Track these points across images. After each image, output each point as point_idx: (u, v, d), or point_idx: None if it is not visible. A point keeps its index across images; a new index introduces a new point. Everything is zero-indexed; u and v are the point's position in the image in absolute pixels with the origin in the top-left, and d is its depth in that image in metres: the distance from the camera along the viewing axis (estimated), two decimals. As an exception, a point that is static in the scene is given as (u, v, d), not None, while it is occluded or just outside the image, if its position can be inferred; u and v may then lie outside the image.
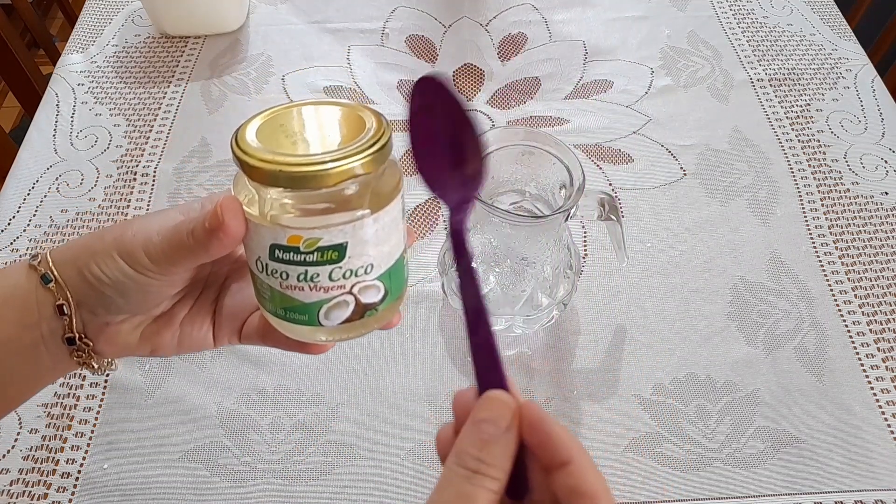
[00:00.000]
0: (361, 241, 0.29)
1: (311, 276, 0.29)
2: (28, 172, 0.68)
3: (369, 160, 0.28)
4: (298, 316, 0.30)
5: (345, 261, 0.29)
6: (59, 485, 0.50)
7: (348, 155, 0.27)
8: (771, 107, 0.74)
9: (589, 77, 0.77)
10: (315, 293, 0.30)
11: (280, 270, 0.29)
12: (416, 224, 0.65)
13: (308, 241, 0.28)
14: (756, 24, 0.83)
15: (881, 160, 0.70)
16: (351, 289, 0.30)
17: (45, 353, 0.32)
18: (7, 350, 0.32)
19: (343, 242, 0.28)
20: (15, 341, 0.32)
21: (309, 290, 0.30)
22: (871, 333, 0.58)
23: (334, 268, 0.29)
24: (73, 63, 0.79)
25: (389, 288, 0.31)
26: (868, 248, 0.63)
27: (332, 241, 0.28)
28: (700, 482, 0.50)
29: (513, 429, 0.25)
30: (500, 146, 0.47)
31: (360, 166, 0.27)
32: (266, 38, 0.81)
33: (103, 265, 0.31)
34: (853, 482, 0.50)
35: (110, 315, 0.32)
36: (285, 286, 0.30)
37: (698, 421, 0.53)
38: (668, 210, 0.66)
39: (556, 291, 0.52)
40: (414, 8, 0.84)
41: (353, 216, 0.28)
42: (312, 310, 0.30)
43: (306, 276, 0.29)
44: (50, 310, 0.31)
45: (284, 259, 0.29)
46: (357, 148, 0.28)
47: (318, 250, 0.28)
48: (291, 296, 0.30)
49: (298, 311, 0.30)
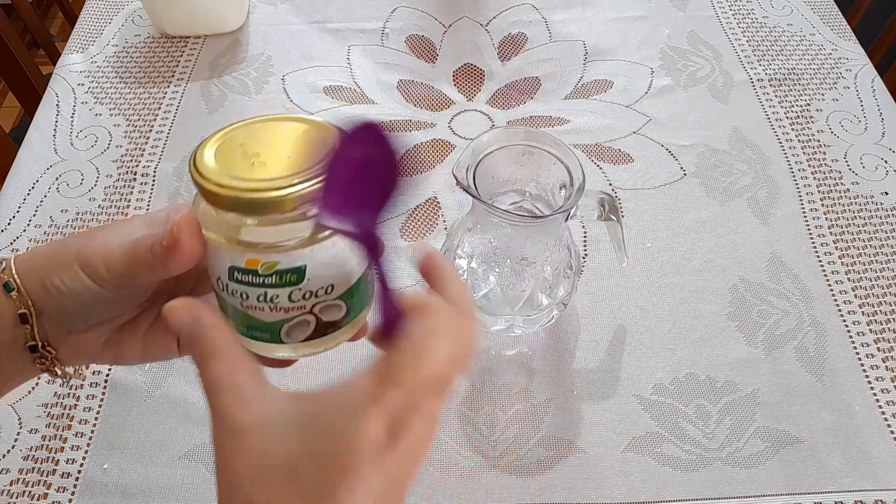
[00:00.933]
0: (321, 263, 0.28)
1: (270, 298, 0.29)
2: (28, 172, 0.68)
3: None
4: (260, 333, 0.30)
5: (304, 283, 0.29)
6: (59, 485, 0.50)
7: (306, 178, 0.26)
8: (771, 107, 0.74)
9: (589, 77, 0.77)
10: (275, 313, 0.29)
11: (240, 291, 0.29)
12: (416, 224, 0.65)
13: (266, 265, 0.28)
14: (756, 24, 0.83)
15: (881, 160, 0.70)
16: (311, 308, 0.29)
17: (8, 360, 0.32)
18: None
19: (302, 266, 0.28)
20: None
21: (269, 310, 0.29)
22: (871, 333, 0.58)
23: (293, 289, 0.29)
24: (73, 63, 0.79)
25: (351, 306, 0.31)
26: (868, 248, 0.63)
27: (291, 264, 0.28)
28: (700, 482, 0.50)
29: None
30: (500, 146, 0.47)
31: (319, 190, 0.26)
32: (266, 38, 0.81)
33: (65, 276, 0.31)
34: (853, 482, 0.50)
35: (73, 324, 0.32)
36: (245, 306, 0.29)
37: (698, 421, 0.53)
38: (668, 210, 0.66)
39: (556, 291, 0.52)
40: (414, 8, 0.84)
41: (312, 239, 0.28)
42: (274, 328, 0.30)
43: (265, 298, 0.29)
44: (12, 317, 0.31)
45: (243, 281, 0.28)
46: (316, 170, 0.26)
47: (276, 273, 0.28)
48: (252, 315, 0.30)
49: (260, 329, 0.30)
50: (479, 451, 0.52)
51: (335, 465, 0.25)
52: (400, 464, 0.26)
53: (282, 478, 0.25)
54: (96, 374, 0.55)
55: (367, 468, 0.25)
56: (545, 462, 0.51)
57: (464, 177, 0.45)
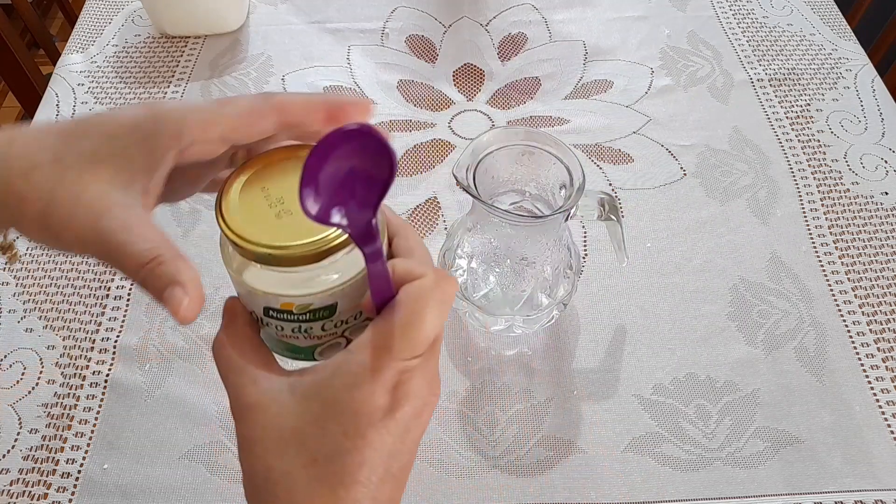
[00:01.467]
0: (352, 297, 0.29)
1: (304, 329, 0.30)
2: (28, 172, 0.68)
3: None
4: (295, 354, 0.32)
5: (336, 315, 0.30)
6: (59, 485, 0.50)
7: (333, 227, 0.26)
8: (771, 107, 0.74)
9: (589, 77, 0.77)
10: (310, 340, 0.31)
11: (275, 324, 0.30)
12: (416, 224, 0.65)
13: (300, 307, 0.29)
14: (756, 24, 0.83)
15: (881, 160, 0.70)
16: (343, 333, 0.31)
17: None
18: None
19: (334, 303, 0.29)
20: None
21: (304, 338, 0.31)
22: (871, 333, 0.58)
23: (326, 322, 0.30)
24: (73, 63, 0.79)
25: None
26: (868, 248, 0.63)
27: (324, 303, 0.29)
28: (700, 482, 0.50)
29: None
30: (500, 146, 0.47)
31: (346, 239, 0.27)
32: (266, 38, 0.81)
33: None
34: (853, 482, 0.50)
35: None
36: (281, 335, 0.31)
37: (698, 421, 0.53)
38: (668, 210, 0.66)
39: (556, 291, 0.52)
40: (414, 8, 0.84)
41: (343, 279, 0.29)
42: (308, 351, 0.32)
43: (300, 330, 0.30)
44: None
45: (279, 318, 0.30)
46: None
47: (310, 311, 0.29)
48: (287, 342, 0.31)
49: (295, 350, 0.32)
50: (479, 451, 0.52)
51: (341, 433, 0.27)
52: (405, 426, 0.28)
53: (293, 445, 0.27)
54: (96, 374, 0.55)
55: (372, 433, 0.27)
56: (545, 462, 0.51)
57: (464, 177, 0.45)
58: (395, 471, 0.28)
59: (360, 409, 0.27)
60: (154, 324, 0.58)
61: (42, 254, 0.62)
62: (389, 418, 0.27)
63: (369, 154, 0.25)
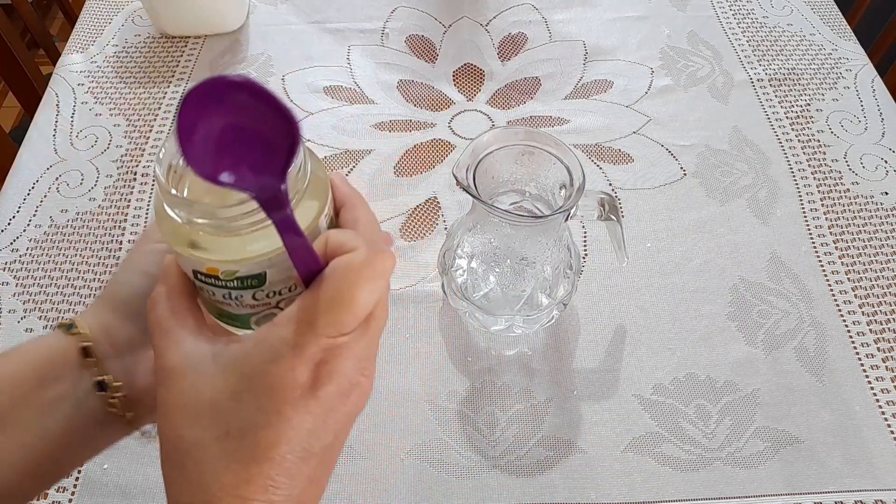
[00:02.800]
0: (282, 267, 0.28)
1: (234, 297, 0.29)
2: (28, 172, 0.68)
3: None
4: (231, 321, 0.31)
5: (266, 285, 0.29)
6: (59, 485, 0.50)
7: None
8: (771, 107, 0.74)
9: (589, 77, 0.77)
10: (242, 308, 0.30)
11: (206, 288, 0.30)
12: (416, 224, 0.65)
13: (225, 273, 0.28)
14: (756, 24, 0.83)
15: (881, 160, 0.70)
16: (278, 304, 0.30)
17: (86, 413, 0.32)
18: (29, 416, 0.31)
19: (262, 272, 0.28)
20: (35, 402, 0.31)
21: (236, 305, 0.30)
22: (871, 333, 0.58)
23: (256, 291, 0.29)
24: (73, 63, 0.79)
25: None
26: (868, 248, 0.63)
27: (251, 272, 0.28)
28: (700, 482, 0.50)
29: None
30: (500, 146, 0.47)
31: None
32: (266, 38, 0.81)
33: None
34: (853, 482, 0.50)
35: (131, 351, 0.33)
36: (213, 300, 0.30)
37: (698, 421, 0.53)
38: (668, 210, 0.66)
39: (556, 291, 0.52)
40: (414, 8, 0.84)
41: (268, 248, 0.28)
42: (243, 319, 0.31)
43: (230, 297, 0.30)
44: (75, 354, 0.32)
45: (207, 282, 0.29)
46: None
47: (237, 279, 0.28)
48: (221, 307, 0.31)
49: (230, 317, 0.31)
50: (479, 451, 0.52)
51: (256, 408, 0.26)
52: (328, 405, 0.27)
53: (207, 416, 0.26)
54: (96, 374, 0.55)
55: (290, 410, 0.26)
56: (545, 462, 0.51)
57: (464, 177, 0.45)
58: (316, 450, 0.27)
59: (277, 385, 0.26)
60: (154, 324, 0.58)
61: (42, 254, 0.62)
62: (310, 396, 0.26)
63: (267, 116, 0.24)
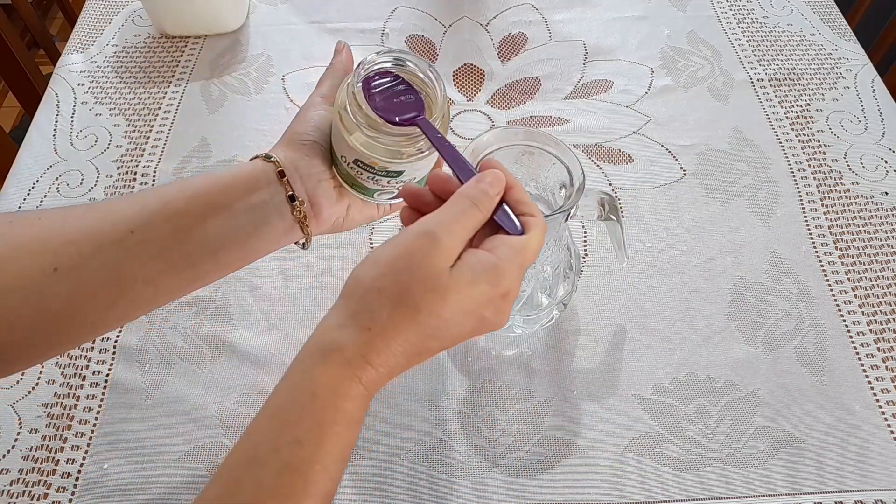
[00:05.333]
0: (413, 168, 0.42)
1: (376, 179, 0.42)
2: (28, 172, 0.68)
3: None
4: (359, 191, 0.44)
5: (400, 177, 0.42)
6: (59, 485, 0.50)
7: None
8: (771, 107, 0.74)
9: (589, 77, 0.77)
10: (376, 185, 0.43)
11: (357, 170, 0.42)
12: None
13: (381, 166, 0.41)
14: (756, 24, 0.83)
15: (881, 160, 0.70)
16: (398, 186, 0.43)
17: (278, 216, 0.41)
18: (242, 209, 0.40)
19: (402, 169, 0.42)
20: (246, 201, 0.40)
21: (373, 183, 0.43)
22: (871, 333, 0.58)
23: (392, 179, 0.42)
24: (73, 63, 0.79)
25: (422, 182, 0.45)
26: (868, 248, 0.63)
27: (396, 168, 0.41)
28: (700, 482, 0.50)
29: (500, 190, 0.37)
30: (500, 146, 0.47)
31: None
32: (266, 38, 0.81)
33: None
34: (853, 482, 0.50)
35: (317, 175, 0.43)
36: (356, 176, 0.42)
37: (698, 421, 0.53)
38: (668, 210, 0.66)
39: (556, 291, 0.52)
40: (414, 8, 0.84)
41: (414, 155, 0.41)
42: (370, 192, 0.44)
43: (373, 179, 0.42)
44: (274, 176, 0.41)
45: (363, 168, 0.41)
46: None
47: (385, 171, 0.41)
48: (359, 181, 0.43)
49: (360, 188, 0.43)
50: (479, 451, 0.52)
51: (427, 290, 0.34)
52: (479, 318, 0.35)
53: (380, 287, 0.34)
54: (96, 374, 0.55)
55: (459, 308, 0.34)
56: (545, 462, 0.51)
57: (464, 177, 0.45)
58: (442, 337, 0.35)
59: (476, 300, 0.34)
60: (154, 324, 0.58)
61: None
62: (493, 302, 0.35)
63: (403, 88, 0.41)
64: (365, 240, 0.63)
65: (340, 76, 0.46)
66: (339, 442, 0.33)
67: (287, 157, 0.42)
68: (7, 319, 0.35)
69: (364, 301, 0.34)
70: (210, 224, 0.39)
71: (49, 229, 0.37)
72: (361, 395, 0.34)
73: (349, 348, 0.33)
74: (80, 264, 0.36)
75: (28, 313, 0.35)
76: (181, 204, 0.39)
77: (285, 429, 0.33)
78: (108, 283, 0.37)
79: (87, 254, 0.36)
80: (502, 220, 0.37)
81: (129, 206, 0.38)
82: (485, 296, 0.35)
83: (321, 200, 0.43)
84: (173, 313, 0.59)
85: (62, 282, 0.36)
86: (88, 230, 0.37)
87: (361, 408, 0.34)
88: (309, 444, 0.32)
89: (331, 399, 0.33)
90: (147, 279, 0.38)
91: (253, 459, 0.32)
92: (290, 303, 0.59)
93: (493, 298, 0.35)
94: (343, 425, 0.33)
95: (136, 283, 0.38)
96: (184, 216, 0.39)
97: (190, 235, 0.39)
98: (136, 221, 0.38)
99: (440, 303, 0.33)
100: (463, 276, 0.34)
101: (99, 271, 0.37)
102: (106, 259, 0.37)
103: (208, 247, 0.39)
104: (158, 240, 0.38)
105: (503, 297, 0.35)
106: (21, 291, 0.35)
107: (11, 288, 0.35)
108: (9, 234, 0.36)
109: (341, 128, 0.41)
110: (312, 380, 0.33)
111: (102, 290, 0.37)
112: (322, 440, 0.33)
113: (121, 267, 0.37)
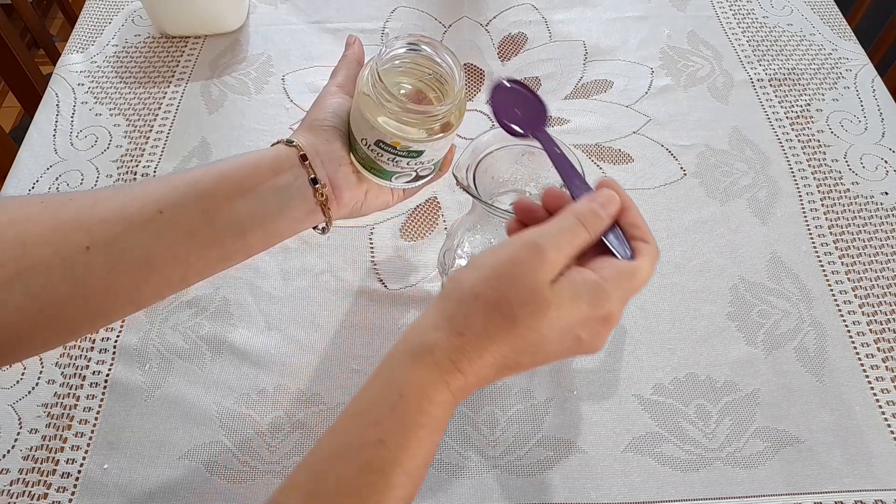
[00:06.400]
0: (433, 149, 0.44)
1: (395, 161, 0.43)
2: (28, 172, 0.68)
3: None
4: (377, 174, 0.45)
5: (419, 157, 0.44)
6: (59, 485, 0.50)
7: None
8: (771, 107, 0.74)
9: (589, 77, 0.77)
10: (394, 167, 0.44)
11: (378, 152, 0.43)
12: (417, 224, 0.65)
13: (403, 146, 0.42)
14: (756, 24, 0.83)
15: (881, 160, 0.70)
16: (416, 168, 0.45)
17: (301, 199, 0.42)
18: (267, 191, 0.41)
19: (423, 150, 0.43)
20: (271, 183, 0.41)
21: (392, 165, 0.44)
22: (871, 333, 0.58)
23: (411, 160, 0.44)
24: (73, 63, 0.79)
25: (435, 167, 0.47)
26: (868, 248, 0.63)
27: (417, 148, 0.43)
28: (700, 482, 0.50)
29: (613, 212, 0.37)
30: (500, 146, 0.47)
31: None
32: (266, 38, 0.81)
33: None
34: (853, 482, 0.50)
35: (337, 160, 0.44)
36: (376, 159, 0.43)
37: (698, 421, 0.53)
38: (668, 210, 0.66)
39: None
40: (414, 8, 0.84)
41: (434, 137, 0.43)
42: (388, 175, 0.45)
43: (393, 160, 0.43)
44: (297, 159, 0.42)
45: (384, 149, 0.43)
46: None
47: (405, 150, 0.43)
48: (378, 163, 0.44)
49: (378, 171, 0.44)
50: (479, 451, 0.52)
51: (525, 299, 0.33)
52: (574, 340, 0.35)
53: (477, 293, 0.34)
54: (96, 374, 0.55)
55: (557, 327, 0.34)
56: (545, 462, 0.51)
57: (464, 177, 0.45)
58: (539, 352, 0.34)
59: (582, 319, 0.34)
60: (154, 324, 0.58)
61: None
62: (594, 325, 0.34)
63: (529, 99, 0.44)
64: (365, 240, 0.63)
65: (354, 66, 0.47)
66: (422, 446, 0.33)
67: (308, 142, 0.43)
68: (45, 295, 0.36)
69: (460, 305, 0.34)
70: (237, 205, 0.40)
71: (80, 210, 0.37)
72: (448, 401, 0.33)
73: (439, 351, 0.33)
74: (112, 242, 0.37)
75: (64, 289, 0.36)
76: (209, 185, 0.40)
77: (369, 427, 0.32)
78: (139, 261, 0.38)
79: (119, 232, 0.37)
80: (611, 241, 0.36)
81: (157, 188, 0.39)
82: (584, 315, 0.34)
83: (341, 184, 0.44)
84: (173, 313, 0.59)
85: (95, 259, 0.37)
86: (119, 210, 0.38)
87: (446, 414, 0.34)
88: (392, 445, 0.32)
89: (417, 401, 0.33)
90: (177, 258, 0.39)
91: (336, 454, 0.33)
92: (290, 303, 0.59)
93: (592, 319, 0.34)
94: (428, 429, 0.33)
95: (167, 262, 0.39)
96: (211, 197, 0.40)
97: (218, 216, 0.39)
98: (164, 202, 0.38)
99: (538, 316, 0.33)
100: (564, 292, 0.33)
101: (130, 249, 0.38)
102: (137, 238, 0.38)
103: (236, 227, 0.40)
104: (187, 220, 0.39)
105: (603, 320, 0.34)
106: (57, 269, 0.36)
107: (48, 266, 0.36)
108: (42, 214, 0.37)
109: (364, 110, 0.42)
110: (400, 379, 0.33)
111: (134, 267, 0.38)
112: (406, 442, 0.32)
113: (151, 246, 0.38)
